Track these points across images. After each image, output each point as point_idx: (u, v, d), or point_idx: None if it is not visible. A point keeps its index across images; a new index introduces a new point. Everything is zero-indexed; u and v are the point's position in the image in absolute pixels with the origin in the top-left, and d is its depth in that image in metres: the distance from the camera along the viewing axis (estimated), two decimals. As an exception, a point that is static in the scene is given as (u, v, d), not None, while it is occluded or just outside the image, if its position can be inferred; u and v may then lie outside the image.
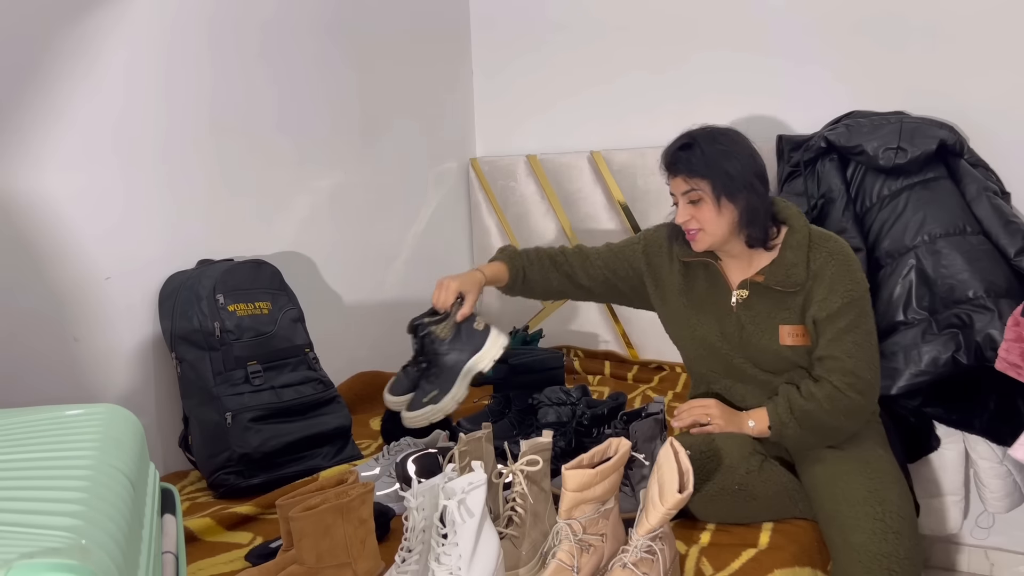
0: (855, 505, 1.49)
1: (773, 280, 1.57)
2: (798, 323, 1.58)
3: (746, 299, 1.61)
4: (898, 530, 1.47)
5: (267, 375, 1.89)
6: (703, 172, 1.54)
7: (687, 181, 1.56)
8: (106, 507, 0.82)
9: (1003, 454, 1.96)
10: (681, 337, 1.72)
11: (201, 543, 1.55)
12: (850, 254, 1.60)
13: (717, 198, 1.53)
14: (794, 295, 1.57)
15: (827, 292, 1.54)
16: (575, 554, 1.28)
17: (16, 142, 1.66)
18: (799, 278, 1.56)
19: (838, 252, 1.58)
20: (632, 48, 2.72)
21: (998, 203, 1.99)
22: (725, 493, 1.54)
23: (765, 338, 1.59)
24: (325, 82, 2.41)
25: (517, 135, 2.99)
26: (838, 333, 1.54)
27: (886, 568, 1.44)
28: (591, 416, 1.82)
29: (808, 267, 1.56)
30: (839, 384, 1.52)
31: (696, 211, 1.56)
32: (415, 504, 1.27)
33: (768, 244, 1.59)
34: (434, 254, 2.89)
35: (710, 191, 1.53)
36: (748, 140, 1.60)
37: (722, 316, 1.64)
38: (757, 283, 1.59)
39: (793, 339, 1.57)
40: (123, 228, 1.87)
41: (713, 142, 1.55)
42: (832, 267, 1.56)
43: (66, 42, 1.73)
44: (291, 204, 2.31)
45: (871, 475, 1.53)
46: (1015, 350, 1.60)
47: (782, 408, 1.56)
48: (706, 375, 1.72)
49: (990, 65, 2.14)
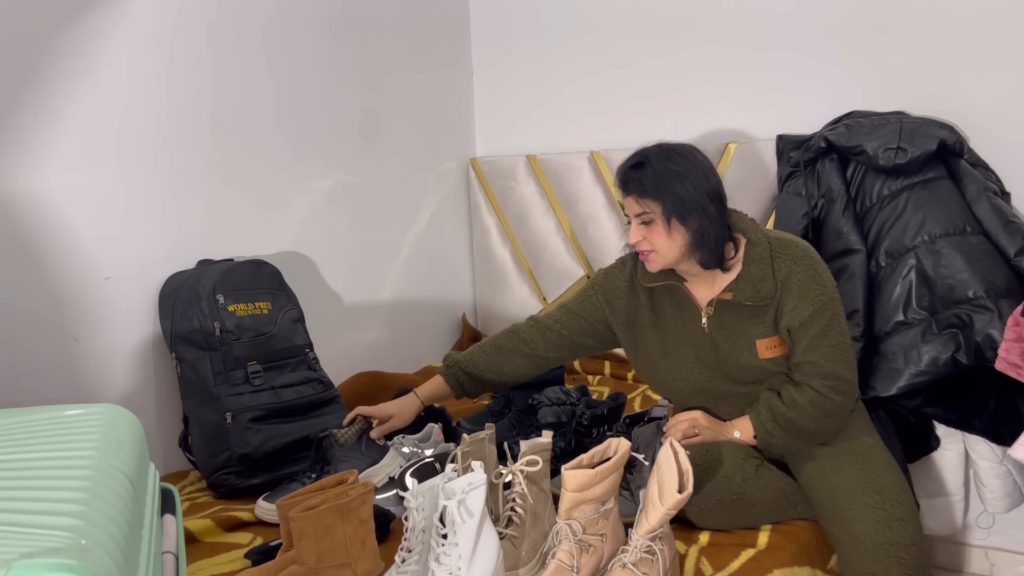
0: (853, 496, 1.49)
1: (742, 296, 1.54)
2: (773, 335, 1.56)
3: (716, 318, 1.58)
4: (900, 517, 1.46)
5: (267, 375, 1.89)
6: (654, 193, 1.49)
7: (638, 202, 1.51)
8: (106, 507, 0.82)
9: (1003, 454, 1.96)
10: (659, 373, 1.67)
11: (201, 543, 1.55)
12: (813, 256, 1.56)
13: (668, 220, 1.49)
14: (765, 308, 1.55)
15: (796, 300, 1.52)
16: (575, 554, 1.28)
17: (16, 142, 1.66)
18: (768, 291, 1.53)
19: (801, 257, 1.54)
20: (632, 48, 2.72)
21: (998, 203, 1.99)
22: (723, 504, 1.54)
23: (744, 355, 1.57)
24: (325, 82, 2.41)
25: (517, 135, 2.99)
26: (813, 339, 1.53)
27: (894, 556, 1.43)
28: (591, 416, 1.82)
29: (775, 278, 1.53)
30: (820, 388, 1.52)
31: (648, 232, 1.52)
32: (415, 504, 1.27)
33: (725, 265, 1.55)
34: (434, 254, 2.89)
35: (660, 213, 1.49)
36: (704, 157, 1.55)
37: (695, 340, 1.61)
38: (725, 301, 1.56)
39: (771, 351, 1.56)
40: (123, 228, 1.87)
41: (666, 161, 1.50)
42: (798, 274, 1.53)
43: (66, 42, 1.73)
44: (291, 204, 2.31)
45: (864, 465, 1.53)
46: (1015, 350, 1.60)
47: (765, 417, 1.56)
48: (684, 402, 1.69)
49: (990, 65, 2.14)
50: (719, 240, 1.52)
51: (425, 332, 2.87)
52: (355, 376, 2.42)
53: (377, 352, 2.61)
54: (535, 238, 2.90)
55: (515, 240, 2.95)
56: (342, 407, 2.01)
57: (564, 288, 2.88)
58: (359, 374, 2.44)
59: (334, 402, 2.00)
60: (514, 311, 2.98)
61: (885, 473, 1.53)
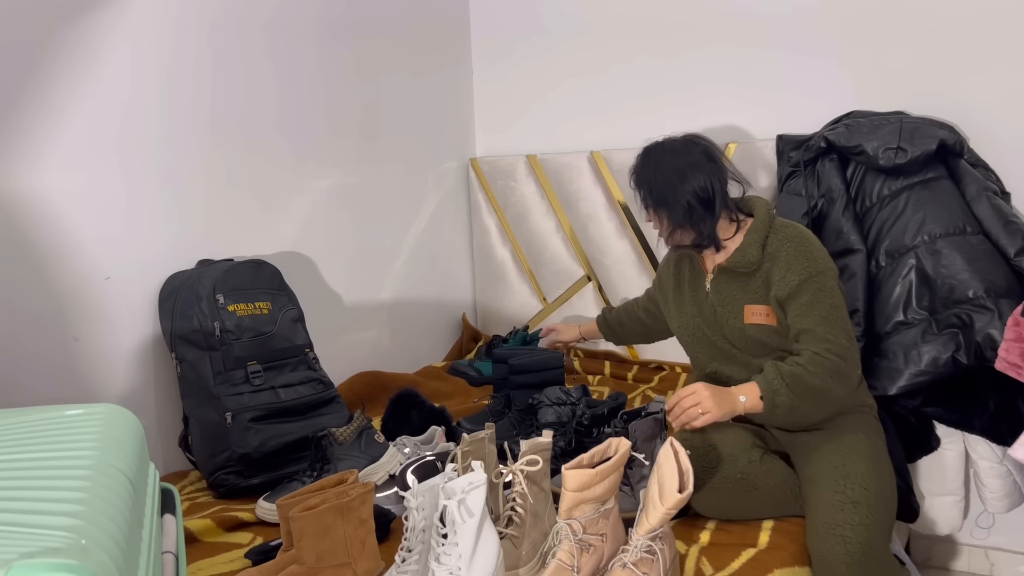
0: (820, 483, 1.53)
1: (732, 263, 1.68)
2: (761, 303, 1.66)
3: (716, 283, 1.72)
4: (856, 499, 1.49)
5: (267, 375, 1.89)
6: (636, 185, 1.73)
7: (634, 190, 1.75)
8: (106, 507, 0.82)
9: (1003, 454, 1.96)
10: (676, 328, 1.85)
11: (201, 543, 1.55)
12: (808, 237, 1.66)
13: (648, 207, 1.72)
14: (754, 275, 1.66)
15: (784, 271, 1.62)
16: (575, 554, 1.28)
17: (16, 142, 1.66)
18: (753, 258, 1.65)
19: (795, 236, 1.66)
20: (632, 48, 2.72)
21: (998, 203, 1.99)
22: (727, 483, 1.56)
23: (732, 318, 1.69)
24: (326, 82, 2.41)
25: (517, 135, 2.99)
26: (802, 308, 1.59)
27: (839, 535, 1.45)
28: (591, 416, 1.82)
29: (764, 249, 1.66)
30: (817, 350, 1.56)
31: (649, 215, 1.74)
32: (415, 504, 1.27)
33: (719, 244, 1.70)
34: (434, 254, 2.89)
35: (643, 201, 1.73)
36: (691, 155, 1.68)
37: (700, 301, 1.76)
38: (723, 267, 1.71)
39: (756, 318, 1.66)
40: (123, 228, 1.87)
41: (647, 159, 1.71)
42: (787, 248, 1.63)
43: (66, 42, 1.73)
44: (291, 204, 2.31)
45: (842, 453, 1.57)
46: (1015, 350, 1.60)
47: (771, 375, 1.56)
48: (699, 359, 1.80)
49: (990, 65, 2.14)
50: (700, 225, 1.67)
51: (425, 332, 2.87)
52: (355, 376, 2.42)
53: (377, 352, 2.61)
54: (535, 238, 2.90)
55: (515, 240, 2.95)
56: (342, 407, 2.01)
57: (564, 288, 2.88)
58: (359, 374, 2.44)
59: (334, 402, 2.00)
60: (514, 311, 2.98)
61: (858, 462, 1.56)
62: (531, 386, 2.06)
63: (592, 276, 2.83)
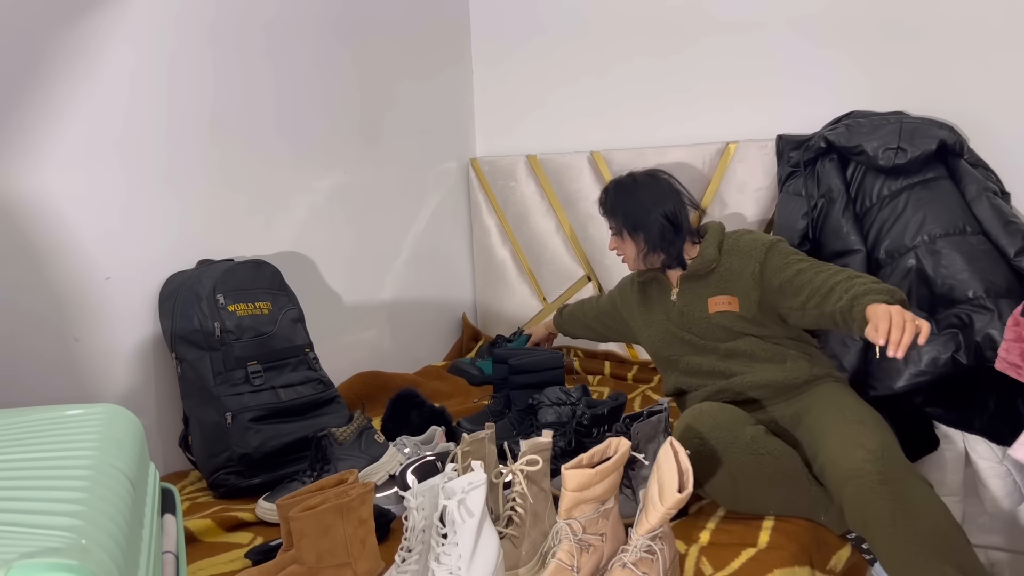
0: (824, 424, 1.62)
1: (693, 268, 1.87)
2: (721, 295, 1.82)
3: (681, 291, 1.90)
4: (860, 419, 1.59)
5: (267, 375, 1.89)
6: (612, 212, 1.93)
7: (607, 219, 1.95)
8: (106, 507, 0.82)
9: (1003, 454, 1.96)
10: (643, 336, 2.02)
11: (201, 543, 1.55)
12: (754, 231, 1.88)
13: (621, 233, 1.91)
14: (713, 272, 1.84)
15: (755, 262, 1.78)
16: (575, 554, 1.28)
17: (16, 142, 1.66)
18: (711, 256, 1.84)
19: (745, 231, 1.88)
20: (632, 48, 2.72)
21: (998, 203, 1.99)
22: (737, 445, 1.57)
23: (697, 311, 1.86)
24: (325, 82, 2.41)
25: (517, 135, 2.99)
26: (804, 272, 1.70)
27: (855, 443, 1.51)
28: (591, 416, 1.82)
29: (719, 249, 1.85)
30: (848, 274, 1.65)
31: (616, 241, 1.95)
32: (415, 504, 1.27)
33: (684, 262, 1.88)
34: (434, 254, 2.89)
35: (618, 227, 1.91)
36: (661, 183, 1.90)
37: (668, 310, 1.93)
38: (686, 275, 1.90)
39: (720, 306, 1.82)
40: (123, 228, 1.87)
41: (621, 188, 1.93)
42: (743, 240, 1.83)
43: (66, 42, 1.73)
44: (291, 204, 2.31)
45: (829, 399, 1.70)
46: (1015, 350, 1.60)
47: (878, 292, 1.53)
48: (672, 357, 1.92)
49: (990, 65, 2.14)
50: (670, 245, 1.86)
51: (425, 332, 2.87)
52: (355, 376, 2.42)
53: (377, 352, 2.61)
54: (535, 238, 2.90)
55: (515, 240, 2.95)
56: (342, 407, 2.01)
57: (564, 288, 2.88)
58: (359, 374, 2.44)
59: (334, 402, 2.00)
60: (514, 311, 2.98)
61: (845, 395, 1.72)
62: (531, 386, 2.06)
63: (592, 276, 2.83)
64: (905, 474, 1.50)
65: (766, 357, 1.79)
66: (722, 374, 1.82)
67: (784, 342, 1.81)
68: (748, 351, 1.80)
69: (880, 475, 1.46)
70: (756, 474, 1.58)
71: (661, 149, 2.60)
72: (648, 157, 2.63)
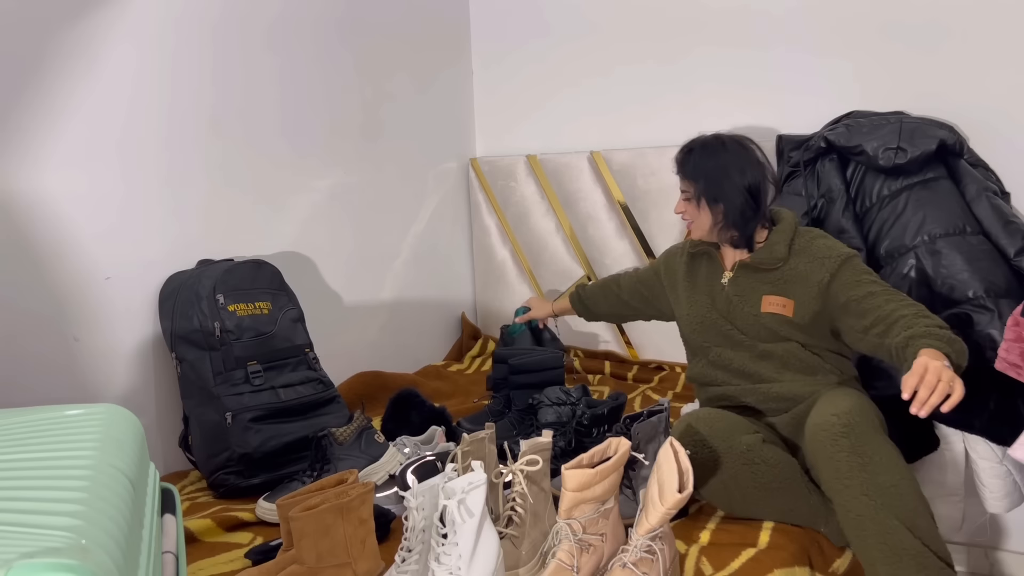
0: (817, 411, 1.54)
1: (757, 260, 1.74)
2: (779, 295, 1.71)
3: (735, 277, 1.78)
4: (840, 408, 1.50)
5: (267, 375, 1.89)
6: (692, 176, 1.76)
7: (682, 180, 1.79)
8: (106, 507, 0.82)
9: (1003, 454, 1.96)
10: (681, 312, 1.89)
11: (201, 543, 1.55)
12: (823, 233, 1.76)
13: (699, 199, 1.75)
14: (776, 271, 1.72)
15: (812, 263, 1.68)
16: (575, 554, 1.28)
17: (16, 141, 1.66)
18: (780, 254, 1.72)
19: (819, 234, 1.76)
20: (632, 49, 2.72)
21: (998, 203, 1.99)
22: (732, 454, 1.57)
23: (748, 306, 1.74)
24: (326, 82, 2.41)
25: (517, 135, 2.99)
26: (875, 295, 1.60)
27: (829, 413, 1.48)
28: (591, 416, 1.82)
29: (790, 247, 1.72)
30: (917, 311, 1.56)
31: (687, 206, 1.78)
32: (415, 504, 1.27)
33: (752, 246, 1.75)
34: (434, 254, 2.89)
35: (694, 193, 1.75)
36: (750, 153, 1.74)
37: (715, 293, 1.81)
38: (745, 263, 1.76)
39: (774, 307, 1.71)
40: (123, 228, 1.87)
41: (707, 151, 1.75)
42: (816, 244, 1.71)
43: (66, 42, 1.73)
44: (291, 204, 2.31)
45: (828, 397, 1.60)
46: (1015, 350, 1.60)
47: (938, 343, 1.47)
48: (704, 345, 1.83)
49: (990, 65, 2.14)
50: (746, 224, 1.72)
51: (425, 332, 2.87)
52: (355, 376, 2.42)
53: (377, 352, 2.61)
54: (535, 238, 2.90)
55: (515, 240, 2.95)
56: (342, 407, 2.01)
57: (564, 288, 2.88)
58: (359, 374, 2.44)
59: (334, 402, 2.00)
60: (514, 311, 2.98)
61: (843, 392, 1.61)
62: (531, 386, 2.05)
63: (592, 276, 2.83)
64: (871, 434, 1.49)
65: (799, 367, 1.71)
66: (750, 376, 1.75)
67: (823, 353, 1.72)
68: (783, 356, 1.71)
69: (844, 428, 1.47)
70: (750, 483, 1.58)
71: (661, 149, 2.60)
72: (648, 157, 2.63)
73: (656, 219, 2.66)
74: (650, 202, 2.66)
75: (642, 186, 2.66)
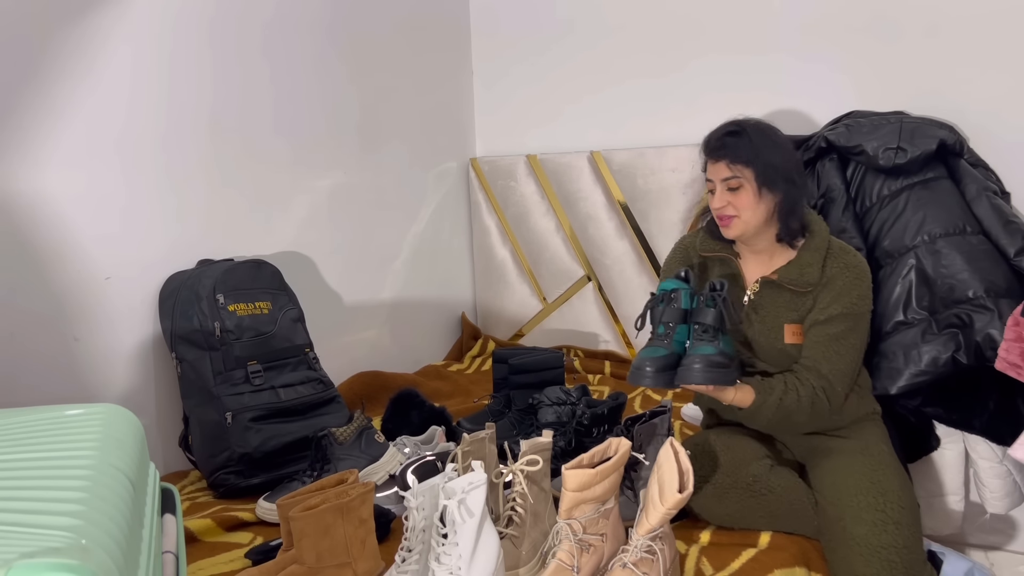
0: (856, 495, 1.49)
1: (786, 279, 1.59)
2: (799, 322, 1.61)
3: (758, 296, 1.63)
4: (898, 520, 1.45)
5: (267, 375, 1.89)
6: (748, 159, 1.54)
7: (730, 167, 1.56)
8: (106, 507, 0.82)
9: (1003, 454, 1.96)
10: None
11: (201, 543, 1.55)
12: (865, 270, 1.62)
13: (759, 187, 1.55)
14: (804, 296, 1.60)
15: (832, 299, 1.58)
16: (575, 554, 1.28)
17: (16, 142, 1.66)
18: (812, 279, 1.58)
19: (854, 266, 1.61)
20: (632, 49, 2.72)
21: (998, 203, 1.99)
22: (737, 488, 1.54)
23: (771, 336, 1.61)
24: (325, 82, 2.41)
25: (517, 135, 2.99)
26: (827, 339, 1.57)
27: (885, 559, 1.43)
28: (591, 416, 1.82)
29: (823, 271, 1.59)
30: (816, 387, 1.55)
31: (734, 198, 1.56)
32: (415, 504, 1.27)
33: (795, 243, 1.62)
34: (434, 254, 2.89)
35: (752, 178, 1.55)
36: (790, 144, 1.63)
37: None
38: (771, 281, 1.62)
39: (794, 338, 1.61)
40: (123, 228, 1.87)
41: (761, 131, 1.58)
42: (845, 278, 1.58)
43: (66, 42, 1.73)
44: (291, 204, 2.31)
45: (874, 467, 1.53)
46: (1015, 350, 1.60)
47: (772, 398, 1.53)
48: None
49: (990, 65, 2.14)
50: (800, 214, 1.59)
51: (425, 332, 2.87)
52: (355, 376, 2.42)
53: (377, 352, 2.61)
54: (535, 238, 2.90)
55: (515, 240, 2.95)
56: (342, 407, 2.01)
57: (564, 288, 2.88)
58: (359, 374, 2.44)
59: (334, 402, 2.00)
60: (514, 311, 2.98)
61: (892, 477, 1.53)
62: (531, 386, 2.05)
63: (592, 276, 2.83)
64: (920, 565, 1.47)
65: None
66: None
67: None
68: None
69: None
70: (756, 512, 1.56)
71: (661, 149, 2.60)
72: (648, 157, 2.63)
73: (656, 219, 2.66)
74: (650, 202, 2.66)
75: (642, 186, 2.66)
